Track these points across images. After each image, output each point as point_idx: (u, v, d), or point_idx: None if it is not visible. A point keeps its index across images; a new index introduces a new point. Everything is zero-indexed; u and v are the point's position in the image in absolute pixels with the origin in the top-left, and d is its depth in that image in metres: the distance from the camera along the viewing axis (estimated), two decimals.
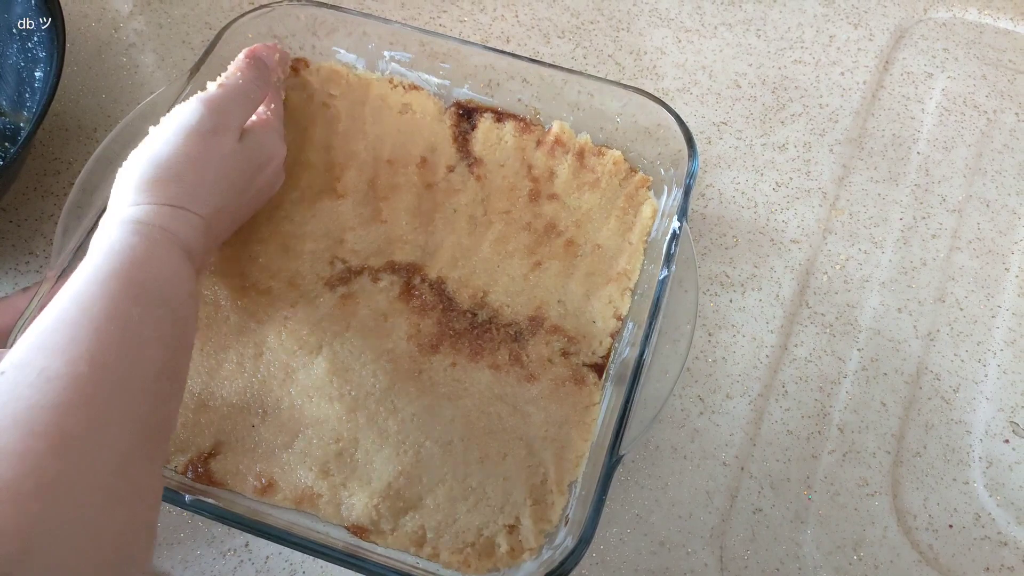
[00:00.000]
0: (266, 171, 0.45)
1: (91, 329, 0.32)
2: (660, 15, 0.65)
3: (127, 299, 0.34)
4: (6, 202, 0.54)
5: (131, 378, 0.32)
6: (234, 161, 0.42)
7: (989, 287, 0.54)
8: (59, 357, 0.30)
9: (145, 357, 0.33)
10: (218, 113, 0.42)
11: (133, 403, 0.32)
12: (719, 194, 0.57)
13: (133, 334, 0.33)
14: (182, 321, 0.36)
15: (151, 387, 0.33)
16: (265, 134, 0.46)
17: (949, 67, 0.63)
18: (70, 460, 0.28)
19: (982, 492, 0.47)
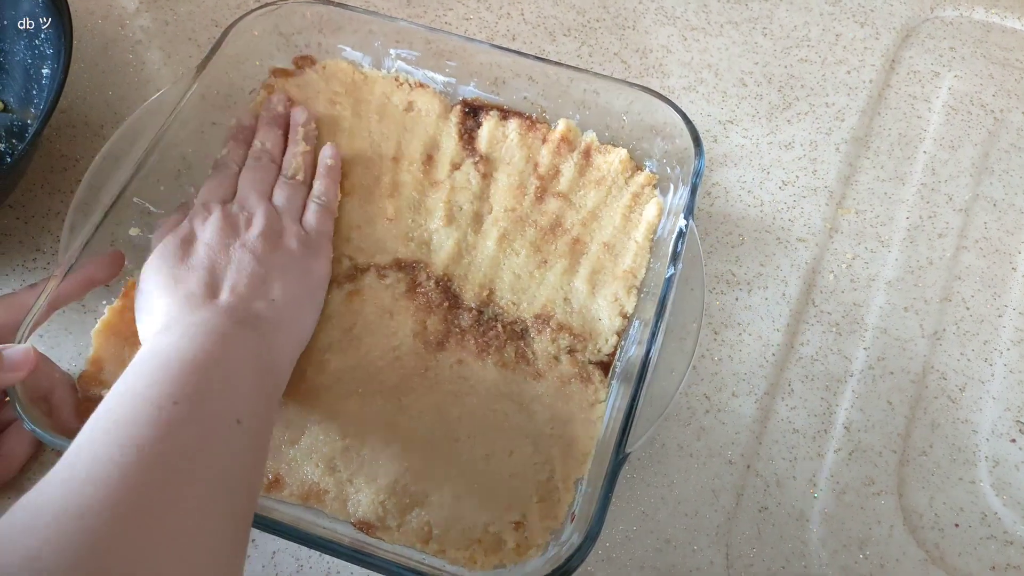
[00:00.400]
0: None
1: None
2: (666, 13, 0.65)
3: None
4: (13, 199, 0.54)
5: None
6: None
7: (996, 286, 0.54)
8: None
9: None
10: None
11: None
12: (725, 192, 0.57)
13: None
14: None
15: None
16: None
17: (956, 66, 0.63)
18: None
19: (988, 491, 0.47)
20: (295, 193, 0.49)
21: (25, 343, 0.41)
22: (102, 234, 0.45)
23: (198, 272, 0.42)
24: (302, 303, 0.44)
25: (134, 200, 0.48)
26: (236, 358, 0.37)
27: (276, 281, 0.43)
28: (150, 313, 0.41)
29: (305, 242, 0.46)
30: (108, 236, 0.46)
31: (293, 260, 0.44)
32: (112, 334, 0.46)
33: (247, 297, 0.41)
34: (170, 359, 0.35)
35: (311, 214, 0.48)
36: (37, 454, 0.46)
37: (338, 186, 0.51)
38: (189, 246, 0.43)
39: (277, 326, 0.41)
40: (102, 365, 0.45)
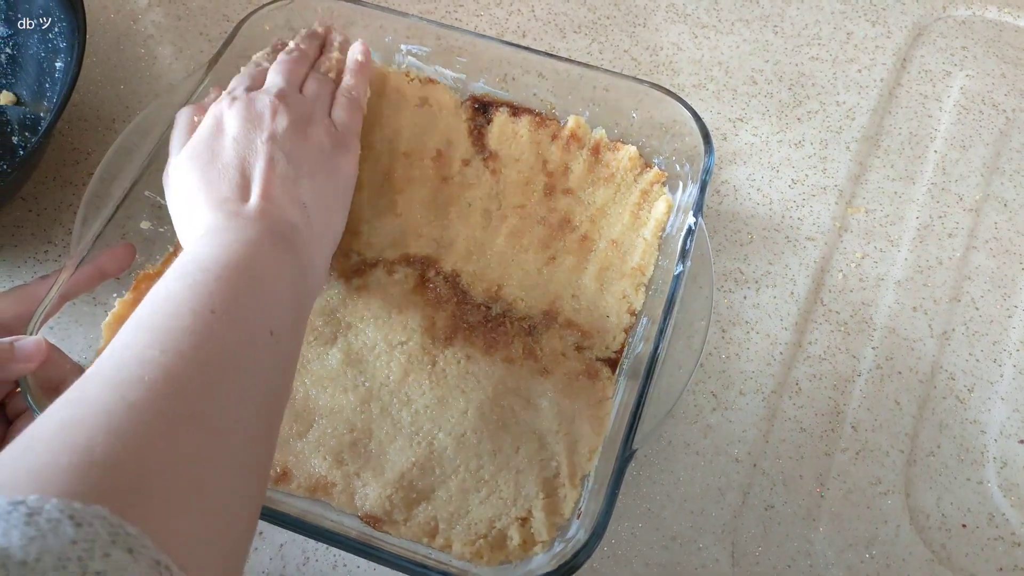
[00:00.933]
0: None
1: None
2: (677, 11, 0.65)
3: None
4: (26, 191, 0.54)
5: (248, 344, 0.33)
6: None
7: (1006, 287, 0.53)
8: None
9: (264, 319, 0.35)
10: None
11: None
12: (734, 190, 0.56)
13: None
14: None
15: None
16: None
17: (968, 65, 0.63)
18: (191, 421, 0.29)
19: (996, 492, 0.47)
20: (325, 87, 0.47)
21: (37, 334, 0.42)
22: (113, 227, 0.45)
23: (228, 173, 0.40)
24: (332, 206, 0.43)
25: (145, 193, 0.48)
26: (271, 271, 0.37)
27: (306, 181, 0.41)
28: (187, 217, 0.40)
29: (334, 136, 0.44)
30: (119, 229, 0.46)
31: (323, 156, 0.43)
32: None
33: (279, 202, 0.40)
34: (207, 269, 0.35)
35: (340, 108, 0.46)
36: None
37: (367, 83, 0.49)
38: (216, 142, 0.41)
39: (310, 234, 0.40)
40: None
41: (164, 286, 0.35)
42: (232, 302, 0.34)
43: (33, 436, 0.27)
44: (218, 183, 0.40)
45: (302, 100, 0.45)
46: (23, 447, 0.26)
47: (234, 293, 0.34)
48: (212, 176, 0.40)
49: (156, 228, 0.49)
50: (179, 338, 0.31)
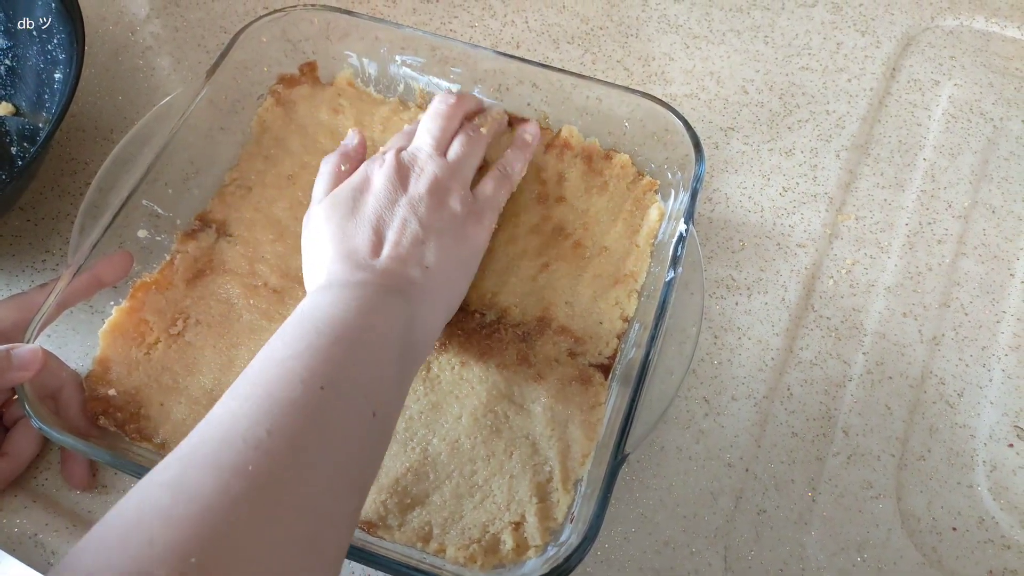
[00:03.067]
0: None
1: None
2: (669, 22, 0.66)
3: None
4: (24, 201, 0.55)
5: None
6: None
7: (994, 292, 0.54)
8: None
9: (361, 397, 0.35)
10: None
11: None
12: (726, 198, 0.57)
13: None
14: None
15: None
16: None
17: (956, 74, 0.64)
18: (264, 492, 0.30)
19: (986, 496, 0.47)
20: (473, 148, 0.47)
21: (34, 342, 0.42)
22: (111, 236, 0.46)
23: (364, 228, 0.42)
24: (454, 272, 0.43)
25: (143, 203, 0.48)
26: (383, 339, 0.37)
27: (433, 244, 0.42)
28: (315, 263, 0.42)
29: (470, 206, 0.45)
30: (117, 238, 0.47)
31: (454, 223, 0.44)
32: (119, 335, 0.46)
33: (404, 260, 0.41)
34: (323, 332, 0.36)
35: (489, 179, 0.47)
36: (44, 452, 0.46)
37: (526, 164, 0.50)
38: (361, 196, 0.43)
39: (426, 295, 0.41)
40: (109, 365, 0.46)
41: (281, 344, 0.36)
42: (342, 379, 0.34)
43: (129, 519, 0.28)
44: (352, 236, 0.42)
45: (444, 166, 0.45)
46: (120, 534, 0.27)
47: (345, 368, 0.35)
48: (348, 228, 0.42)
49: (153, 237, 0.49)
50: (287, 415, 0.32)
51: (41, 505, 0.45)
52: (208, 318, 0.47)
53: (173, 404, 0.45)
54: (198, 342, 0.47)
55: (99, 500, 0.45)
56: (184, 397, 0.45)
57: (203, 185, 0.53)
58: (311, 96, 0.56)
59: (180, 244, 0.50)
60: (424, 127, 0.47)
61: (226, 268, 0.49)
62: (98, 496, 0.45)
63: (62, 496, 0.45)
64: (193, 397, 0.45)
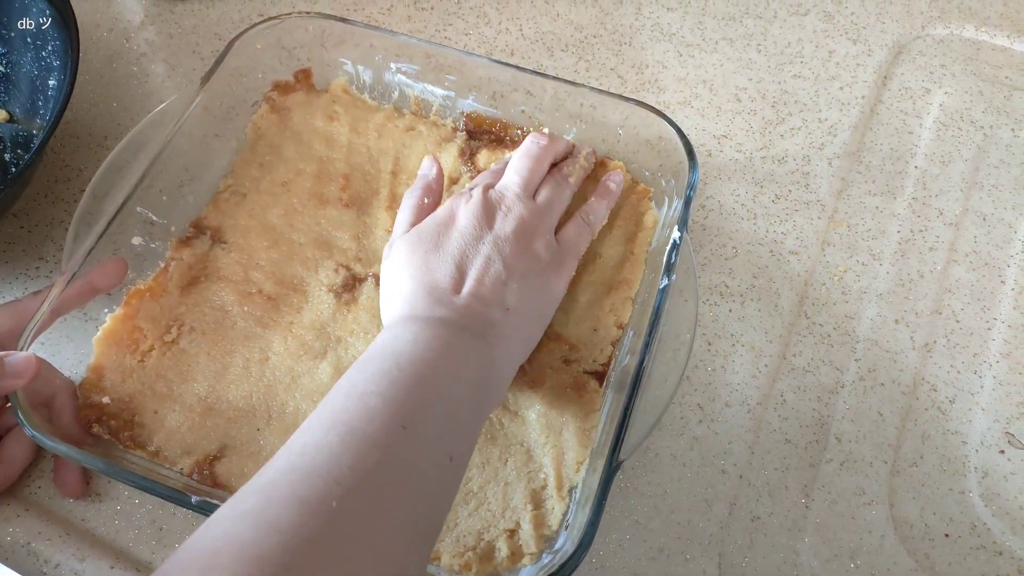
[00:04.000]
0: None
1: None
2: (662, 30, 0.66)
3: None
4: (18, 208, 0.55)
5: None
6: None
7: (985, 299, 0.54)
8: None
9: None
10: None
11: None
12: (719, 206, 0.57)
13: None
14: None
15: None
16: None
17: (946, 83, 0.64)
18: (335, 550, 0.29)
19: (978, 502, 0.48)
20: (560, 194, 0.47)
21: (27, 350, 0.42)
22: (105, 243, 0.46)
23: (447, 263, 0.42)
24: (532, 318, 0.43)
25: (137, 210, 0.48)
26: (462, 379, 0.37)
27: (515, 286, 0.42)
28: (394, 294, 0.42)
29: (553, 252, 0.45)
30: (111, 245, 0.47)
31: (537, 268, 0.43)
32: (113, 342, 0.46)
33: (486, 300, 0.41)
34: (405, 368, 0.36)
35: (572, 225, 0.47)
36: (37, 460, 0.46)
37: (609, 211, 0.49)
38: (446, 231, 0.43)
39: (505, 339, 0.41)
40: (103, 373, 0.46)
41: (363, 378, 0.36)
42: (423, 419, 0.34)
43: (207, 549, 0.28)
44: (434, 270, 0.41)
45: (532, 208, 0.45)
46: (201, 567, 0.27)
47: (426, 409, 0.35)
48: (432, 262, 0.42)
49: (148, 244, 0.49)
50: (368, 452, 0.32)
51: (34, 513, 0.45)
52: (202, 325, 0.47)
53: (167, 411, 0.45)
54: (192, 349, 0.47)
55: (92, 508, 0.45)
56: (178, 404, 0.45)
57: (198, 192, 0.53)
58: (306, 103, 0.56)
59: (174, 251, 0.50)
60: (513, 167, 0.47)
61: (220, 275, 0.49)
62: (91, 504, 0.45)
63: (55, 504, 0.45)
64: (187, 404, 0.45)
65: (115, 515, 0.45)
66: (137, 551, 0.44)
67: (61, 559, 0.43)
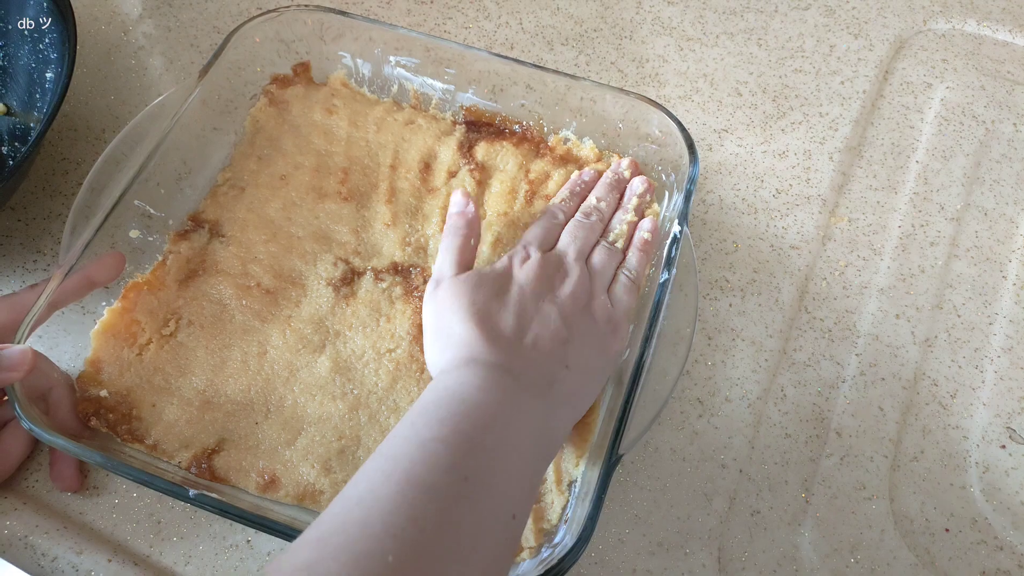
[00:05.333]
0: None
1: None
2: (663, 24, 0.66)
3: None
4: (15, 201, 0.54)
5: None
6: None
7: (987, 295, 0.54)
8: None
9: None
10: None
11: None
12: (720, 200, 0.57)
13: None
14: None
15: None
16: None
17: (948, 77, 0.64)
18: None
19: (979, 497, 0.47)
20: (611, 260, 0.47)
21: (24, 343, 0.42)
22: (103, 236, 0.45)
23: (508, 313, 0.41)
24: (591, 377, 0.43)
25: (135, 203, 0.48)
26: (525, 435, 0.36)
27: (575, 347, 0.42)
28: (449, 335, 0.41)
29: (609, 315, 0.45)
30: (109, 238, 0.47)
31: (595, 330, 0.43)
32: (111, 336, 0.46)
33: (547, 355, 0.40)
34: (467, 412, 0.35)
35: (620, 287, 0.47)
36: (34, 453, 0.46)
37: (650, 260, 0.49)
38: (505, 283, 0.43)
39: (564, 396, 0.40)
40: (100, 366, 0.45)
41: (424, 423, 0.34)
42: (488, 472, 0.33)
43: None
44: (497, 317, 0.41)
45: (586, 273, 0.46)
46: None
47: (491, 461, 0.34)
48: (494, 308, 0.41)
49: (145, 237, 0.49)
50: (429, 504, 0.31)
51: (31, 507, 0.44)
52: (200, 319, 0.47)
53: (165, 405, 0.45)
54: (190, 343, 0.46)
55: (89, 502, 0.45)
56: (176, 398, 0.45)
57: (196, 185, 0.52)
58: (305, 96, 0.56)
59: (172, 244, 0.49)
60: (569, 234, 0.47)
61: (219, 269, 0.49)
62: (89, 498, 0.45)
63: (53, 498, 0.45)
64: (185, 398, 0.45)
65: (113, 509, 0.45)
66: (135, 544, 0.44)
67: (59, 552, 0.43)
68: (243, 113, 0.55)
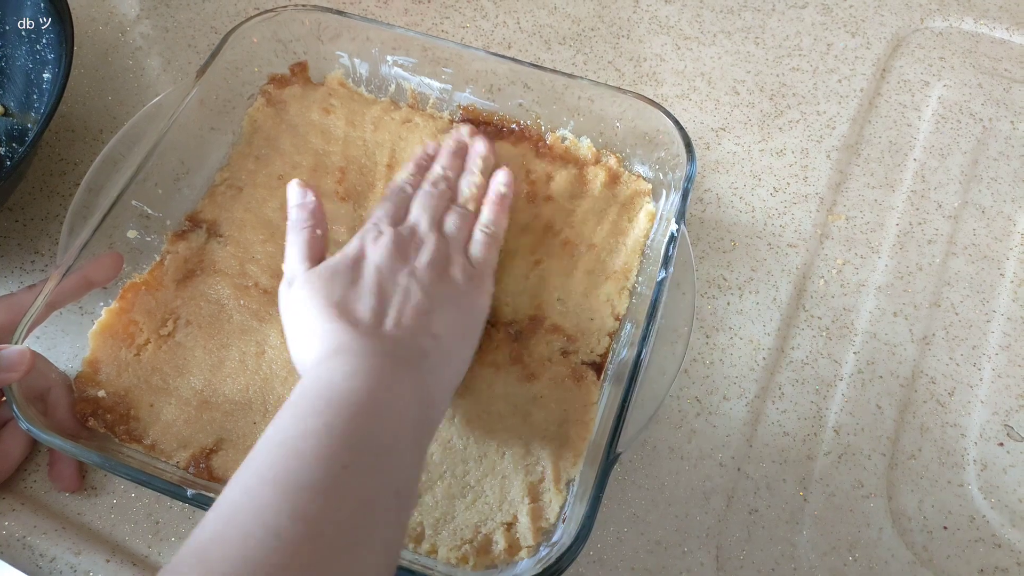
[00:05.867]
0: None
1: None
2: (660, 23, 0.66)
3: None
4: (12, 202, 0.54)
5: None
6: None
7: (984, 292, 0.54)
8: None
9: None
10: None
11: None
12: (717, 199, 0.57)
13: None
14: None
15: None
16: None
17: (945, 75, 0.64)
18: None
19: (976, 495, 0.48)
20: (464, 222, 0.47)
21: (22, 343, 0.42)
22: (100, 236, 0.45)
23: (367, 298, 0.41)
24: (462, 339, 0.43)
25: (132, 203, 0.48)
26: (401, 413, 0.36)
27: (439, 314, 0.42)
28: (310, 332, 0.40)
29: (470, 275, 0.45)
30: (106, 239, 0.47)
31: (457, 293, 0.43)
32: (109, 336, 0.46)
33: (412, 330, 0.40)
34: (335, 404, 0.35)
35: (477, 244, 0.46)
36: (32, 454, 0.46)
37: (507, 216, 0.49)
38: (358, 267, 0.42)
39: (437, 364, 0.40)
40: (98, 366, 0.45)
41: (293, 421, 0.34)
42: (364, 457, 0.33)
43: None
44: (356, 304, 0.40)
45: (442, 240, 0.45)
46: None
47: (366, 445, 0.34)
48: (351, 297, 0.41)
49: (143, 237, 0.49)
50: (308, 499, 0.31)
51: (30, 508, 0.44)
52: (198, 319, 0.47)
53: (163, 405, 0.45)
54: (188, 343, 0.47)
55: (88, 502, 0.45)
56: (174, 398, 0.45)
57: (193, 185, 0.52)
58: (302, 96, 0.56)
59: (170, 244, 0.50)
60: (418, 205, 0.47)
61: (216, 268, 0.49)
62: (87, 498, 0.45)
63: (51, 498, 0.45)
64: (183, 398, 0.45)
65: (111, 509, 0.45)
66: (133, 545, 0.44)
67: (57, 553, 0.43)
68: (240, 113, 0.55)
